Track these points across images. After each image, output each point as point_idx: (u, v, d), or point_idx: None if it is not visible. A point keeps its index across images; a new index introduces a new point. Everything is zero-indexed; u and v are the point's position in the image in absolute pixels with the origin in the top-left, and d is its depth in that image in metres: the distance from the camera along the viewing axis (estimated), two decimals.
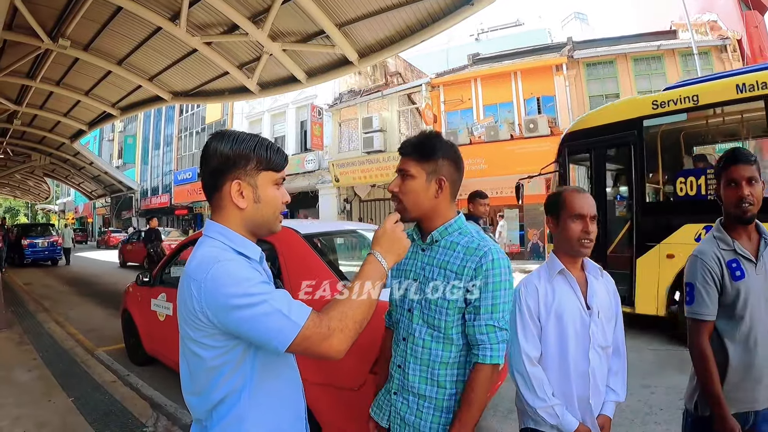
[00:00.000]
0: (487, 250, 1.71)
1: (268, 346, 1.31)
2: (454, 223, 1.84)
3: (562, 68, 18.56)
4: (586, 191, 2.13)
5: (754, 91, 6.29)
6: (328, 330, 1.30)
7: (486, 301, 1.70)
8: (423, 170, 1.78)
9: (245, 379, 1.39)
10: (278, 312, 1.27)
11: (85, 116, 17.47)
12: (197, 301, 1.30)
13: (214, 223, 1.46)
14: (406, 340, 1.86)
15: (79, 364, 6.00)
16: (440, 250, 1.82)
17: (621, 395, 2.10)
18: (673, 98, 7.08)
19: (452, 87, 21.07)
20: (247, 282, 1.30)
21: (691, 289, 2.12)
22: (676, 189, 6.94)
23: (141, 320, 5.82)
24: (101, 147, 47.40)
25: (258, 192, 1.45)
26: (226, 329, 1.31)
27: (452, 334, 1.76)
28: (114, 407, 4.60)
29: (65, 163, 28.38)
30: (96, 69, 12.61)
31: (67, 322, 8.98)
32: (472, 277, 1.70)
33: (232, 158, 1.41)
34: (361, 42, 10.02)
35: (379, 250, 1.53)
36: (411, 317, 1.85)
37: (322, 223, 5.46)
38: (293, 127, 26.25)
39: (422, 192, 1.79)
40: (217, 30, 10.27)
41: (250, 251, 1.45)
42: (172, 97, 13.99)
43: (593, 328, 2.00)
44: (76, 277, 17.36)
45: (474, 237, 1.79)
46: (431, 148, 1.79)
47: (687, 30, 17.39)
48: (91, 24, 10.26)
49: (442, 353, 1.77)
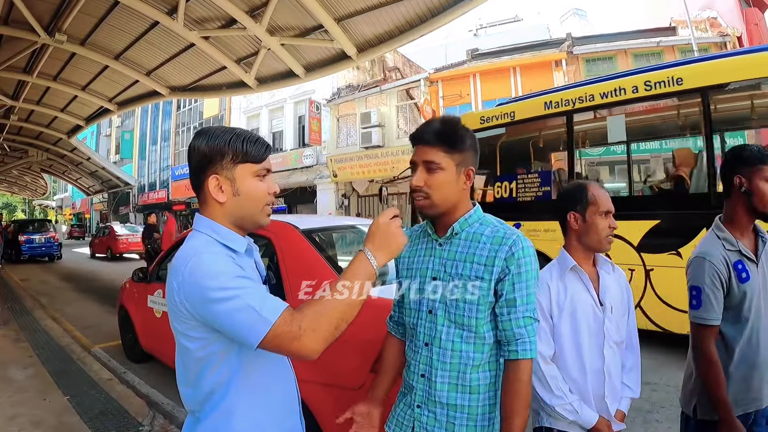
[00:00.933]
0: (515, 238, 1.59)
1: (241, 342, 1.29)
2: (474, 214, 1.71)
3: (562, 64, 18.52)
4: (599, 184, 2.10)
5: (559, 107, 7.33)
6: (299, 329, 1.26)
7: (521, 292, 1.58)
8: (452, 161, 1.63)
9: (231, 372, 1.39)
10: (250, 308, 1.25)
11: (82, 111, 17.45)
12: (177, 293, 1.32)
13: (203, 217, 1.47)
14: (429, 345, 1.69)
15: (75, 361, 5.95)
16: (461, 242, 1.68)
17: (636, 391, 2.07)
18: (495, 114, 8.25)
19: (451, 82, 21.00)
20: (222, 276, 1.29)
21: (699, 292, 2.02)
22: (495, 192, 8.18)
23: (137, 317, 5.76)
24: (98, 142, 47.26)
25: (236, 185, 1.44)
26: (204, 322, 1.31)
27: (484, 332, 1.62)
28: (110, 406, 4.55)
29: (62, 159, 28.37)
30: (93, 64, 12.59)
31: (64, 318, 8.92)
32: (503, 267, 1.58)
33: (209, 154, 1.43)
34: (360, 36, 10.00)
35: (370, 248, 1.45)
36: (434, 319, 1.68)
37: (321, 218, 5.41)
38: (291, 122, 26.14)
39: (452, 185, 1.65)
40: (215, 24, 10.23)
41: (236, 244, 1.45)
42: (169, 91, 13.99)
43: (607, 324, 1.98)
44: (73, 273, 17.29)
45: (498, 226, 1.67)
46: (459, 136, 1.65)
47: (687, 27, 17.34)
48: (88, 18, 10.23)
49: (474, 355, 1.62)
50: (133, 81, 13.63)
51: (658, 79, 6.35)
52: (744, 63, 5.84)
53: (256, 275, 1.54)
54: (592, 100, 7.02)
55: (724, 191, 2.14)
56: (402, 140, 20.96)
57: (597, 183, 2.10)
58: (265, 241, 3.72)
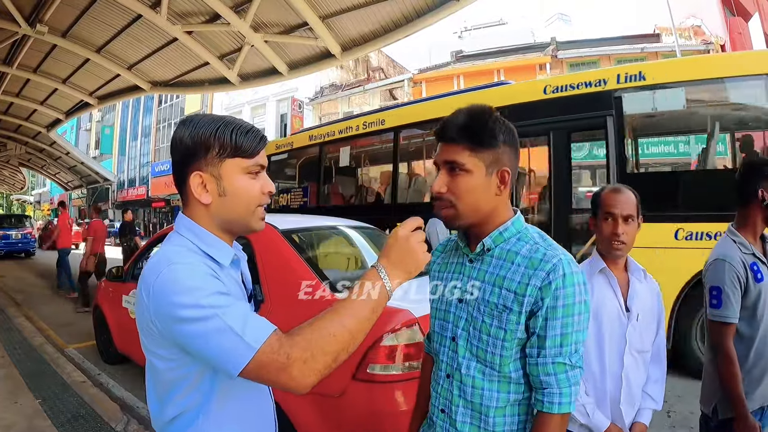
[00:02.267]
0: (556, 262, 1.29)
1: (218, 368, 1.11)
2: (512, 226, 1.41)
3: (546, 68, 18.62)
4: (625, 189, 2.02)
5: (315, 140, 10.09)
6: (287, 359, 1.06)
7: (553, 331, 1.29)
8: (481, 161, 1.34)
9: (203, 398, 1.21)
10: (230, 330, 1.05)
11: (62, 105, 17.19)
12: (146, 308, 1.14)
13: (185, 218, 1.28)
14: (450, 377, 1.44)
15: (48, 362, 5.79)
16: (493, 261, 1.39)
17: (658, 403, 2.03)
18: (283, 143, 11.52)
19: (435, 83, 21.08)
20: (198, 291, 1.08)
21: (719, 292, 2.09)
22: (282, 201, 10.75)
23: (112, 317, 5.63)
24: (78, 137, 46.68)
25: (223, 184, 1.23)
26: (175, 342, 1.12)
27: (510, 371, 1.35)
28: (83, 410, 4.41)
29: (41, 153, 27.95)
30: (74, 56, 12.39)
31: (38, 317, 8.75)
32: (537, 298, 1.29)
33: (192, 147, 1.23)
34: (345, 35, 9.96)
35: (385, 264, 1.21)
36: (455, 348, 1.43)
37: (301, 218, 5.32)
38: (273, 120, 26.10)
39: (482, 190, 1.36)
40: (199, 19, 10.12)
41: (220, 254, 1.25)
42: (150, 86, 13.83)
43: (630, 330, 1.95)
44: (50, 270, 16.94)
45: (538, 244, 1.36)
46: (489, 131, 1.35)
47: (671, 34, 17.54)
48: (70, 10, 10.06)
49: (497, 395, 1.36)
50: (115, 75, 13.42)
51: (371, 120, 9.07)
52: (419, 109, 8.50)
53: (240, 290, 1.34)
54: (333, 135, 9.70)
55: (741, 200, 2.23)
56: None
57: (617, 187, 2.04)
58: (243, 241, 3.63)
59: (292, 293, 3.14)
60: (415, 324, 2.74)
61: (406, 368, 2.68)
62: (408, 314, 2.75)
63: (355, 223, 4.88)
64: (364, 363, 2.65)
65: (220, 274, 1.20)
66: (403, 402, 2.61)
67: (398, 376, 2.67)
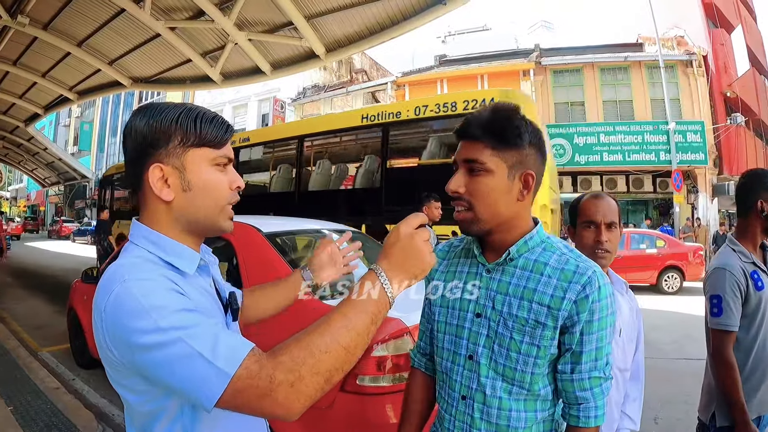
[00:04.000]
0: (591, 275, 1.22)
1: (191, 400, 0.93)
2: (537, 235, 1.33)
3: (530, 74, 18.72)
4: (606, 196, 1.96)
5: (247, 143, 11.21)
6: (269, 383, 0.88)
7: (590, 345, 1.24)
8: (503, 162, 1.25)
9: (186, 428, 1.05)
10: (197, 355, 0.88)
11: (41, 99, 16.95)
12: (102, 335, 0.96)
13: (139, 225, 1.10)
14: (468, 399, 1.33)
15: (21, 367, 5.60)
16: (517, 272, 1.29)
17: (636, 423, 1.97)
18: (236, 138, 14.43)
19: (418, 87, 21.08)
20: (157, 312, 0.90)
21: (719, 301, 2.09)
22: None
23: (87, 320, 5.47)
24: (57, 132, 45.97)
25: (187, 176, 1.06)
26: (139, 373, 0.95)
27: (539, 388, 1.28)
28: (56, 419, 4.25)
29: (19, 148, 27.59)
30: (55, 50, 12.19)
31: (12, 318, 8.50)
32: (571, 313, 1.22)
33: (149, 136, 1.05)
34: (330, 36, 9.95)
35: (385, 267, 1.03)
36: (476, 368, 1.32)
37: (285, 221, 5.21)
38: (255, 120, 26.02)
39: (503, 193, 1.26)
40: (183, 15, 10.02)
41: (183, 261, 1.08)
42: (131, 82, 13.70)
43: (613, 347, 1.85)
44: (24, 269, 16.65)
45: (567, 254, 1.29)
46: (515, 128, 1.25)
47: (654, 43, 17.75)
48: (52, 1, 9.90)
49: (525, 414, 1.28)
50: (95, 70, 13.23)
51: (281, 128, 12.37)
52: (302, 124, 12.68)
53: (211, 299, 1.17)
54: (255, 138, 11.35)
55: (741, 211, 2.26)
56: None
57: (597, 193, 1.99)
58: (223, 242, 3.52)
59: None
60: (406, 334, 2.66)
61: (396, 379, 2.59)
62: (399, 323, 2.67)
63: (340, 226, 4.80)
64: (352, 374, 2.56)
65: (183, 286, 1.02)
66: (393, 414, 2.52)
67: (388, 388, 2.58)
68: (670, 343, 7.07)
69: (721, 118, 17.75)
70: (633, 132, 17.34)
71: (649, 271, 12.54)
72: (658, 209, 18.95)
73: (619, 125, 17.56)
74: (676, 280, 12.43)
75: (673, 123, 16.26)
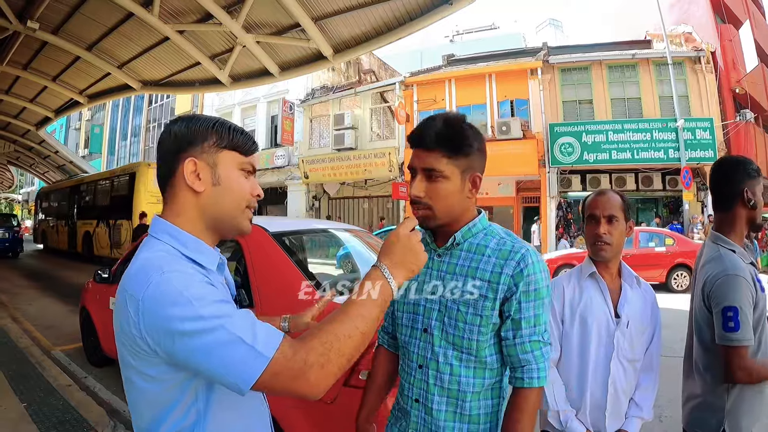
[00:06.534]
0: (525, 252, 1.42)
1: (226, 384, 1.01)
2: (479, 223, 1.53)
3: (537, 72, 18.65)
4: (610, 192, 2.03)
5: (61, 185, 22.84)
6: (304, 364, 1.00)
7: (527, 313, 1.41)
8: (456, 168, 1.44)
9: (198, 417, 1.12)
10: (239, 340, 0.98)
11: (51, 103, 17.14)
12: (135, 324, 1.03)
13: (162, 220, 1.19)
14: (424, 367, 1.52)
15: (34, 365, 5.70)
16: (463, 254, 1.50)
17: (646, 413, 2.00)
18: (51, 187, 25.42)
19: (426, 87, 21.02)
20: (198, 301, 1.00)
21: (736, 313, 1.82)
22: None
23: (99, 319, 5.56)
24: (67, 136, 46.25)
25: (218, 171, 1.19)
26: (172, 360, 1.03)
27: (486, 356, 1.45)
28: (69, 415, 4.34)
29: (30, 151, 27.85)
30: (65, 54, 12.35)
31: (24, 318, 8.64)
32: (510, 285, 1.41)
33: (188, 136, 1.18)
34: (337, 37, 9.98)
35: (387, 264, 1.20)
36: (430, 339, 1.50)
37: (292, 221, 5.26)
38: (264, 122, 25.92)
39: (457, 194, 1.46)
40: (191, 18, 10.09)
41: (205, 259, 1.18)
42: (141, 86, 13.79)
43: (618, 337, 1.93)
44: (36, 270, 16.83)
45: (505, 238, 1.49)
46: (464, 139, 1.44)
47: (662, 40, 17.64)
48: (61, 7, 10.05)
49: (474, 380, 1.45)
50: (105, 73, 13.38)
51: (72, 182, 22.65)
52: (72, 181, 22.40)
53: (229, 296, 1.27)
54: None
55: (724, 203, 2.05)
56: (375, 143, 20.99)
57: (603, 190, 2.06)
58: (232, 243, 3.58)
59: (283, 298, 3.10)
60: None
61: None
62: None
63: (346, 225, 4.86)
64: (356, 369, 2.61)
65: (212, 280, 1.13)
66: None
67: None
68: (679, 342, 6.92)
69: (730, 114, 17.58)
70: (642, 129, 17.19)
71: (659, 269, 12.50)
72: (668, 207, 18.78)
73: (628, 123, 17.44)
74: (685, 278, 12.37)
75: (682, 120, 16.14)
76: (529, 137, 18.21)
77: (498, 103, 19.49)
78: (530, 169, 18.17)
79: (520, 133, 18.05)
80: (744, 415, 1.93)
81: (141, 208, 14.82)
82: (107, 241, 17.95)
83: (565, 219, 18.60)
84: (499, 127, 18.27)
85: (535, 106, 18.61)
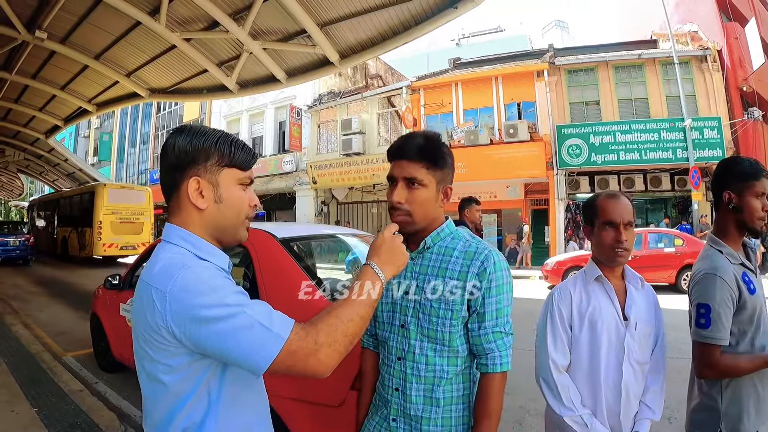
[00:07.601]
0: (488, 253, 1.61)
1: (246, 365, 1.14)
2: (446, 228, 1.72)
3: (543, 74, 18.67)
4: (621, 195, 2.02)
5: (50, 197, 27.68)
6: (315, 344, 1.15)
7: (490, 307, 1.60)
8: (434, 178, 1.64)
9: (208, 410, 1.22)
10: (259, 324, 1.12)
11: (60, 111, 17.26)
12: (161, 315, 1.13)
13: (175, 227, 1.29)
14: (402, 359, 1.68)
15: (45, 370, 5.75)
16: (433, 256, 1.68)
17: (657, 413, 1.99)
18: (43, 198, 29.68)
19: (433, 91, 21.07)
20: (222, 290, 1.15)
21: (708, 311, 1.87)
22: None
23: (109, 325, 5.61)
24: (76, 144, 46.59)
25: (219, 191, 1.29)
26: (197, 347, 1.14)
27: (457, 345, 1.63)
28: (80, 419, 4.38)
29: (40, 159, 28.06)
30: (73, 63, 12.46)
31: (36, 324, 8.69)
32: (475, 282, 1.59)
33: (191, 153, 1.27)
34: (343, 42, 9.99)
35: (376, 261, 1.40)
36: (407, 333, 1.68)
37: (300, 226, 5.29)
38: (271, 128, 26.04)
39: (432, 202, 1.65)
40: (198, 26, 10.15)
41: (218, 259, 1.30)
42: (149, 93, 13.88)
43: (628, 340, 1.93)
44: (47, 277, 16.92)
45: (470, 241, 1.69)
46: (441, 154, 1.65)
47: (668, 40, 17.59)
48: (69, 16, 10.14)
49: (447, 368, 1.63)
50: (113, 82, 13.48)
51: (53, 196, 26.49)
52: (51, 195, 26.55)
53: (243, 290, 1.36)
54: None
55: (714, 205, 2.11)
56: (382, 148, 20.99)
57: (612, 193, 2.03)
58: (240, 249, 3.61)
59: (290, 302, 3.12)
60: None
61: None
62: None
63: (353, 230, 4.87)
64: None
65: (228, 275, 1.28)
66: None
67: None
68: (687, 343, 6.97)
69: (737, 113, 17.47)
70: (649, 130, 17.13)
71: (668, 270, 12.42)
72: (677, 207, 18.69)
73: (635, 123, 17.39)
74: None
75: (690, 119, 16.07)
76: (537, 139, 18.22)
77: (505, 105, 19.55)
78: (538, 171, 18.17)
79: (528, 136, 18.09)
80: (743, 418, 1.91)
81: (99, 219, 19.98)
82: (76, 244, 21.85)
83: (574, 221, 18.54)
84: (506, 129, 18.30)
85: (542, 108, 18.64)
